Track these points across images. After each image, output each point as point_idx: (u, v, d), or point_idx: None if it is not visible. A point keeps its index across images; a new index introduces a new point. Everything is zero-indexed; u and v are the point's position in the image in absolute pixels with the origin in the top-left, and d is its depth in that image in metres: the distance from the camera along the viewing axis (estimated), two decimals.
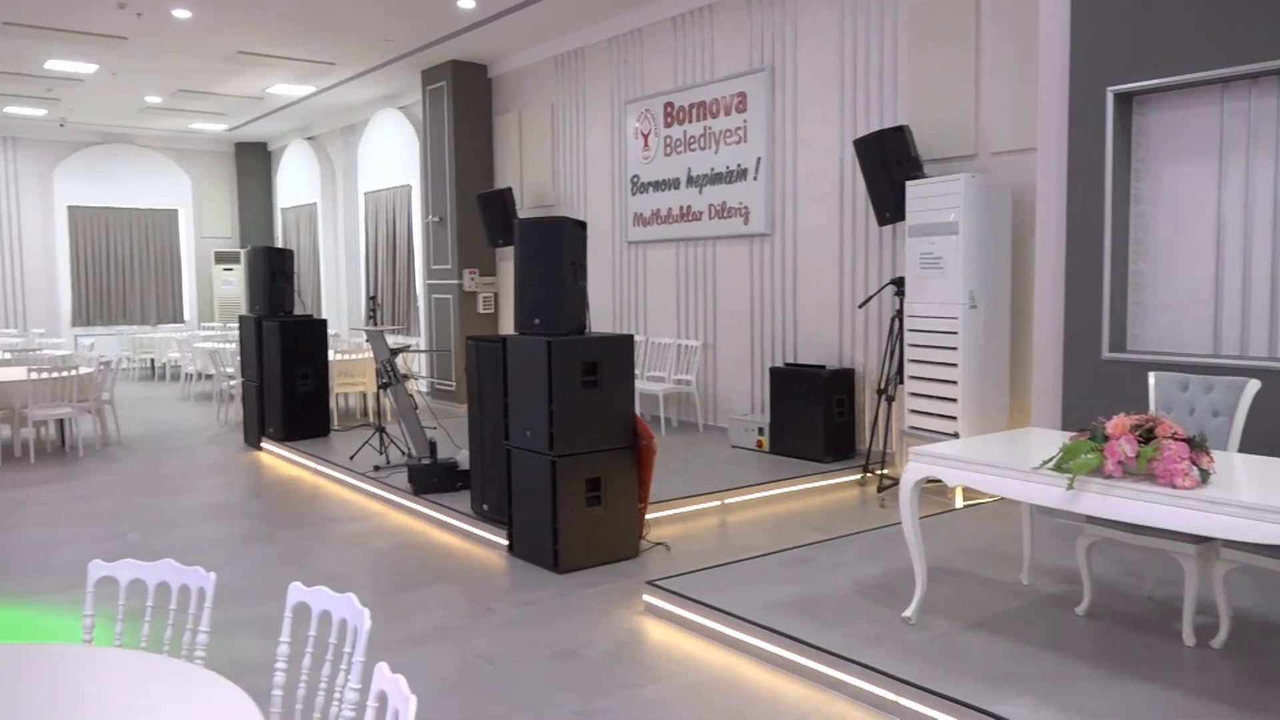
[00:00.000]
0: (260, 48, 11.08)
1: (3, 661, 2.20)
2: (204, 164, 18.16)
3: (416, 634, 4.39)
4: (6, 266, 16.45)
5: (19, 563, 5.60)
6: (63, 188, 16.74)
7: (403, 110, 13.46)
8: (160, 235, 17.71)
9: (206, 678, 2.09)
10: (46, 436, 9.55)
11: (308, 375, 9.13)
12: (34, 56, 11.36)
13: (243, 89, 13.34)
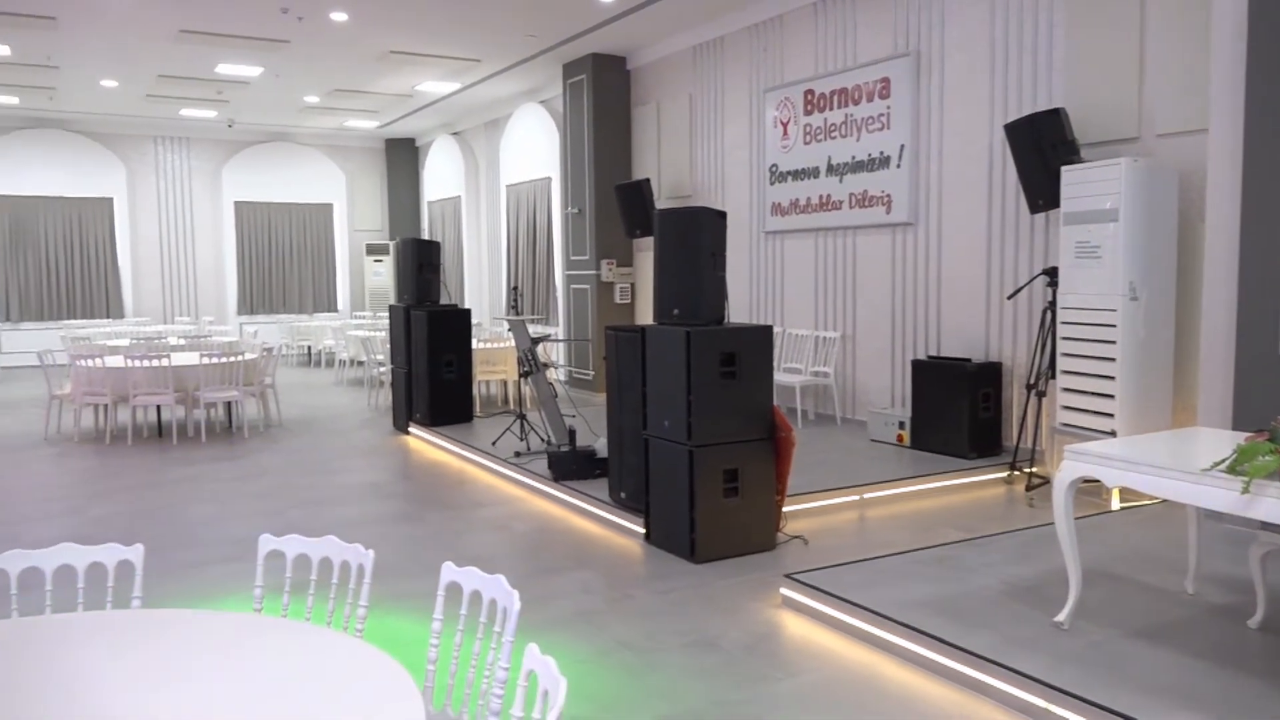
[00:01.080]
0: (410, 47, 11.49)
1: (186, 627, 2.37)
2: (356, 160, 18.99)
3: (557, 617, 4.49)
4: (181, 259, 17.64)
5: (194, 535, 6.01)
6: (230, 184, 17.84)
7: (544, 104, 13.73)
8: (316, 228, 18.64)
9: (366, 650, 2.20)
10: (216, 417, 10.20)
11: (452, 363, 9.44)
12: (207, 61, 12.12)
13: (393, 87, 13.87)
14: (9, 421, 10.44)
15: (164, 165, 17.46)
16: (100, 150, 16.76)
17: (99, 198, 16.78)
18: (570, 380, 12.54)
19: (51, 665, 2.13)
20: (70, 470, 7.97)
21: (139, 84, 13.52)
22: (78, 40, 11.00)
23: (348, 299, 18.98)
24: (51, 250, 16.47)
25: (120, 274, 17.02)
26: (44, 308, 16.46)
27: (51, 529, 6.14)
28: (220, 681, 2.05)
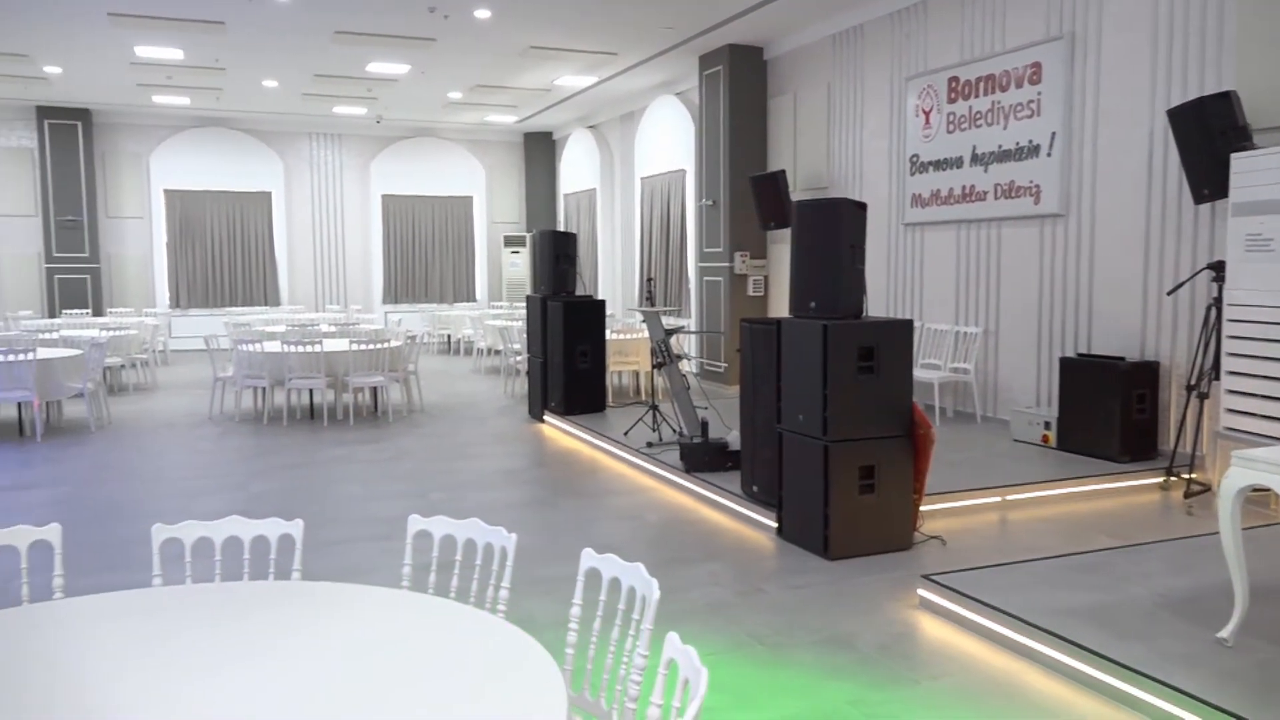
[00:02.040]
0: (550, 42, 11.70)
1: (342, 599, 2.49)
2: (496, 154, 19.49)
3: (689, 608, 4.51)
4: (332, 249, 18.51)
5: (343, 513, 6.30)
6: (378, 178, 18.60)
7: (679, 96, 13.75)
8: (457, 220, 19.24)
9: (509, 629, 2.26)
10: (363, 402, 10.67)
11: (587, 353, 9.59)
12: (359, 61, 12.66)
13: (532, 82, 14.16)
14: (179, 401, 11.20)
15: (317, 160, 18.33)
16: (260, 147, 17.73)
17: (259, 192, 17.77)
18: (701, 372, 12.55)
19: (223, 629, 2.28)
20: (232, 448, 8.48)
21: (297, 83, 14.23)
22: (243, 43, 11.66)
23: (485, 289, 19.52)
24: (216, 242, 17.55)
25: (277, 264, 17.99)
26: (209, 296, 17.55)
27: (217, 502, 6.55)
28: (374, 652, 2.14)
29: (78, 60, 12.61)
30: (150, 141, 17.12)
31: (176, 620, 2.36)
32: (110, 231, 17.03)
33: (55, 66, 13.01)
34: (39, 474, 7.51)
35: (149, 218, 17.24)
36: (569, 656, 2.46)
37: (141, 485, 7.15)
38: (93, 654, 2.14)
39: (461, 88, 14.66)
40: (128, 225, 17.17)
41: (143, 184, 17.16)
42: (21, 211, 16.43)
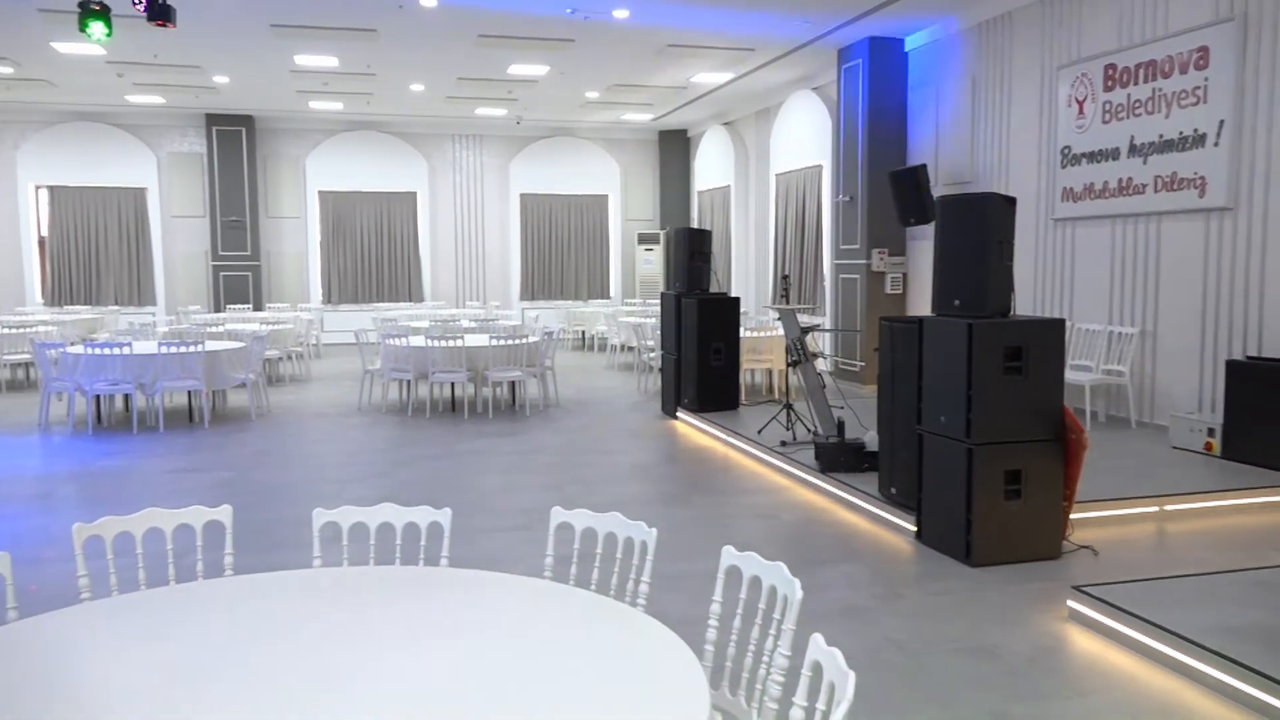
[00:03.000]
0: (687, 39, 11.73)
1: (488, 587, 2.57)
2: (630, 152, 19.67)
3: (825, 610, 4.45)
4: (472, 247, 19.08)
5: (484, 503, 6.50)
6: (516, 178, 19.05)
7: (816, 91, 13.56)
8: (592, 218, 19.51)
9: (649, 623, 2.28)
10: (501, 396, 10.96)
11: (720, 350, 9.57)
12: (500, 63, 13.00)
13: (669, 80, 14.23)
14: (331, 392, 11.77)
15: (459, 161, 18.92)
16: (407, 149, 18.43)
17: (405, 192, 18.48)
18: (836, 371, 12.35)
19: (378, 611, 2.39)
20: (379, 438, 8.86)
21: (442, 87, 14.72)
22: (393, 49, 12.14)
23: (619, 286, 19.73)
24: (365, 240, 18.34)
25: (421, 261, 18.67)
26: (358, 292, 18.37)
27: (366, 489, 6.86)
28: (520, 640, 2.20)
29: (243, 70, 13.40)
30: (306, 145, 18.03)
31: (335, 600, 2.49)
32: (269, 231, 18.03)
33: (223, 76, 13.86)
34: (206, 458, 8.03)
35: (304, 218, 18.17)
36: (708, 653, 2.46)
37: (298, 471, 7.55)
38: (259, 629, 2.28)
39: (599, 87, 14.86)
40: (285, 225, 18.14)
41: (299, 185, 18.09)
42: (192, 213, 17.58)
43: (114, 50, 11.93)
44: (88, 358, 9.06)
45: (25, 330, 12.17)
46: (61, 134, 16.87)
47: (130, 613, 2.38)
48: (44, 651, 2.16)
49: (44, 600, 4.14)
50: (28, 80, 14.08)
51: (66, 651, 2.16)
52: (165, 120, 17.22)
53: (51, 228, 17.08)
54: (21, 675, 2.04)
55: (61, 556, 5.26)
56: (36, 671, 2.06)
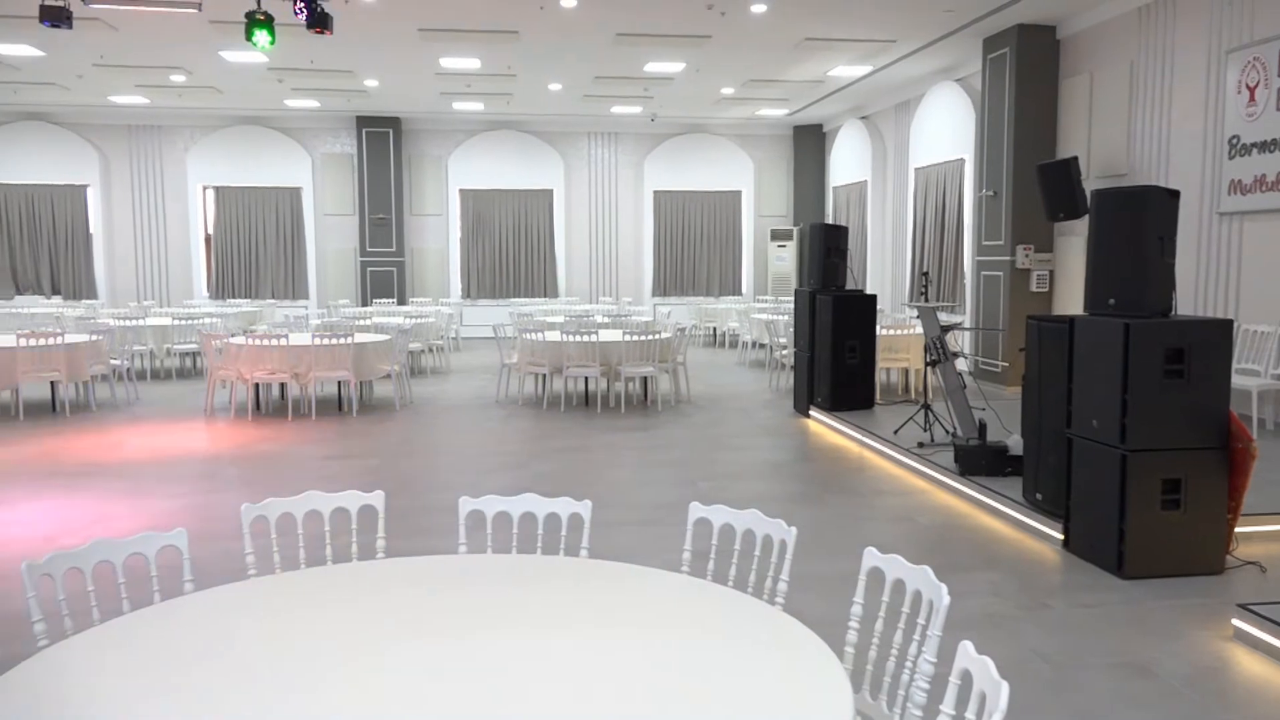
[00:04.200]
0: (825, 32, 11.55)
1: (627, 578, 2.61)
2: (765, 148, 19.51)
3: (965, 617, 4.32)
4: (606, 244, 19.32)
5: (617, 497, 6.58)
6: (650, 175, 19.18)
7: (959, 82, 13.14)
8: (725, 215, 19.46)
9: (789, 621, 2.27)
10: (633, 391, 11.06)
11: (856, 348, 9.40)
12: (637, 61, 13.11)
13: (806, 74, 14.05)
14: (469, 385, 12.14)
15: (595, 159, 19.18)
16: (544, 147, 18.81)
17: (541, 189, 18.86)
18: (977, 371, 11.95)
19: (521, 598, 2.45)
20: (515, 430, 9.08)
21: (579, 85, 14.96)
22: (533, 49, 12.41)
23: (751, 283, 19.62)
24: (502, 237, 18.82)
25: (556, 258, 19.02)
26: (495, 287, 18.87)
27: (503, 479, 7.05)
28: (656, 630, 2.22)
29: (392, 73, 13.95)
30: (449, 145, 18.63)
31: (480, 586, 2.57)
32: (413, 228, 18.71)
33: (374, 80, 14.47)
34: (354, 445, 8.41)
35: (446, 215, 18.78)
36: (848, 655, 2.43)
37: (439, 460, 7.82)
38: (408, 610, 2.38)
39: (734, 83, 14.80)
40: (428, 222, 18.79)
41: (441, 184, 18.71)
42: (342, 211, 18.42)
43: (275, 58, 12.61)
44: (249, 348, 9.62)
45: (193, 321, 13.01)
46: (226, 137, 17.95)
47: (293, 589, 2.52)
48: (220, 621, 2.31)
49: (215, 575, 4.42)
50: (198, 87, 15.04)
51: (239, 622, 2.30)
52: (319, 123, 18.10)
53: (216, 225, 18.21)
54: (200, 643, 2.19)
55: (227, 533, 5.61)
56: (212, 641, 2.20)
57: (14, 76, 14.16)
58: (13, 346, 9.52)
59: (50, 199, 17.66)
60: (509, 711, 1.83)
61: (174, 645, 2.16)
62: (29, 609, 2.39)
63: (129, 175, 17.97)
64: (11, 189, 17.57)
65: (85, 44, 11.87)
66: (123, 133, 17.84)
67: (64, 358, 9.77)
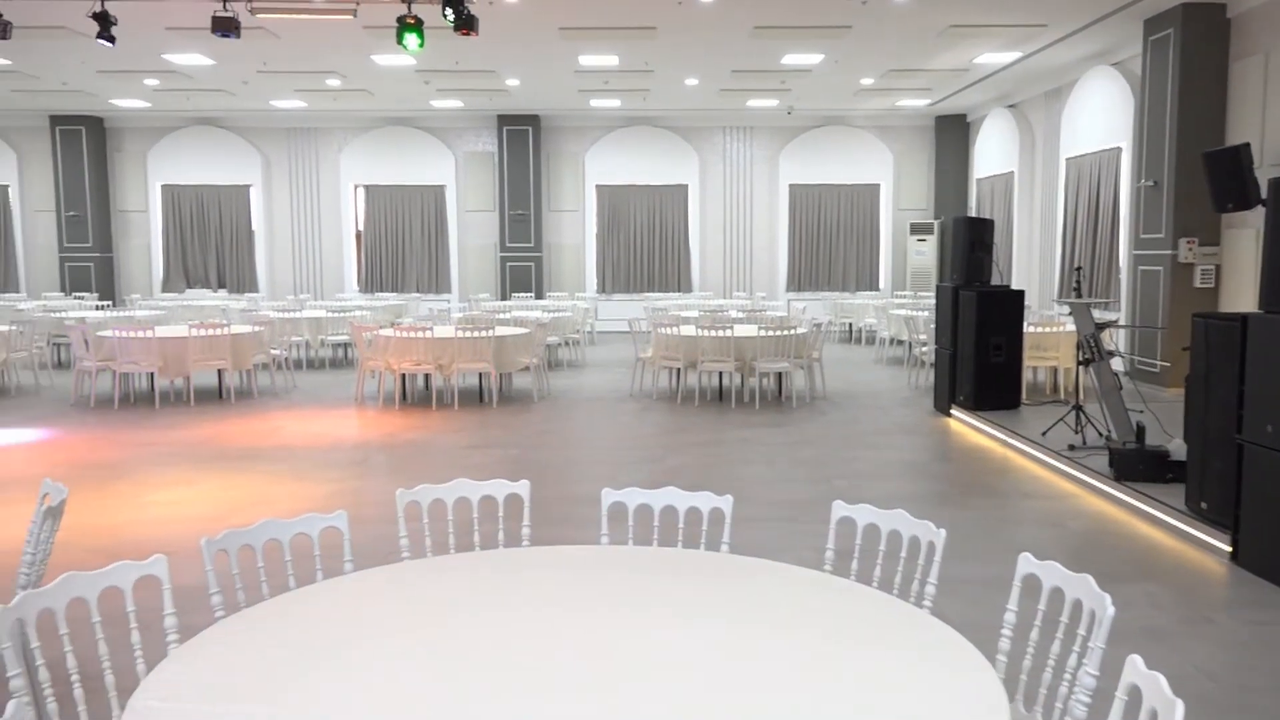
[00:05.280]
0: (972, 18, 11.16)
1: (772, 575, 2.59)
2: (904, 139, 19.01)
3: (1122, 630, 4.10)
4: (740, 238, 19.22)
5: (752, 493, 6.55)
6: (786, 168, 18.98)
7: (1116, 66, 12.47)
8: (862, 208, 19.07)
9: (941, 627, 2.21)
10: (768, 386, 10.98)
11: (1001, 346, 9.07)
12: (774, 54, 12.99)
13: (949, 62, 13.61)
14: (603, 378, 12.30)
15: (729, 153, 19.11)
16: (679, 142, 18.86)
17: (676, 185, 18.93)
18: (1133, 371, 11.33)
19: (663, 589, 2.47)
20: (650, 423, 9.16)
21: (715, 80, 14.93)
22: (671, 45, 12.46)
23: (889, 278, 19.17)
24: (637, 232, 18.98)
25: (690, 252, 19.06)
26: (630, 281, 19.06)
27: (639, 472, 7.12)
28: (801, 628, 2.20)
29: (532, 72, 14.25)
30: (586, 141, 18.91)
31: (623, 576, 2.60)
32: (550, 223, 19.09)
33: (515, 79, 14.82)
34: (494, 436, 8.65)
35: (582, 211, 19.07)
36: (1000, 664, 2.35)
37: (576, 451, 7.96)
38: (555, 597, 2.43)
39: (874, 73, 14.48)
40: (564, 218, 19.13)
41: (578, 180, 19.01)
42: (483, 207, 18.96)
43: (422, 60, 13.07)
44: (396, 340, 10.02)
45: (344, 314, 13.65)
46: (376, 138, 18.73)
47: (445, 573, 2.62)
48: (379, 602, 2.42)
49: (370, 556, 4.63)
50: (351, 90, 15.75)
51: (396, 604, 2.41)
52: (462, 122, 18.67)
53: (366, 222, 19.04)
54: (361, 622, 2.30)
55: (379, 517, 5.86)
56: (372, 619, 2.31)
57: (187, 84, 15.16)
58: (185, 336, 10.20)
59: (217, 199, 18.85)
60: (651, 708, 1.85)
61: (337, 622, 2.28)
62: (208, 582, 2.56)
63: (287, 175, 18.99)
64: (183, 189, 18.84)
65: (251, 52, 12.59)
66: (282, 135, 18.85)
67: (229, 348, 10.41)
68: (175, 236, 18.94)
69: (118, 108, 17.58)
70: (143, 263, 19.19)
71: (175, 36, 11.80)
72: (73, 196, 18.46)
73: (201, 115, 18.40)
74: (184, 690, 1.92)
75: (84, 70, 14.03)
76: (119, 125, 18.74)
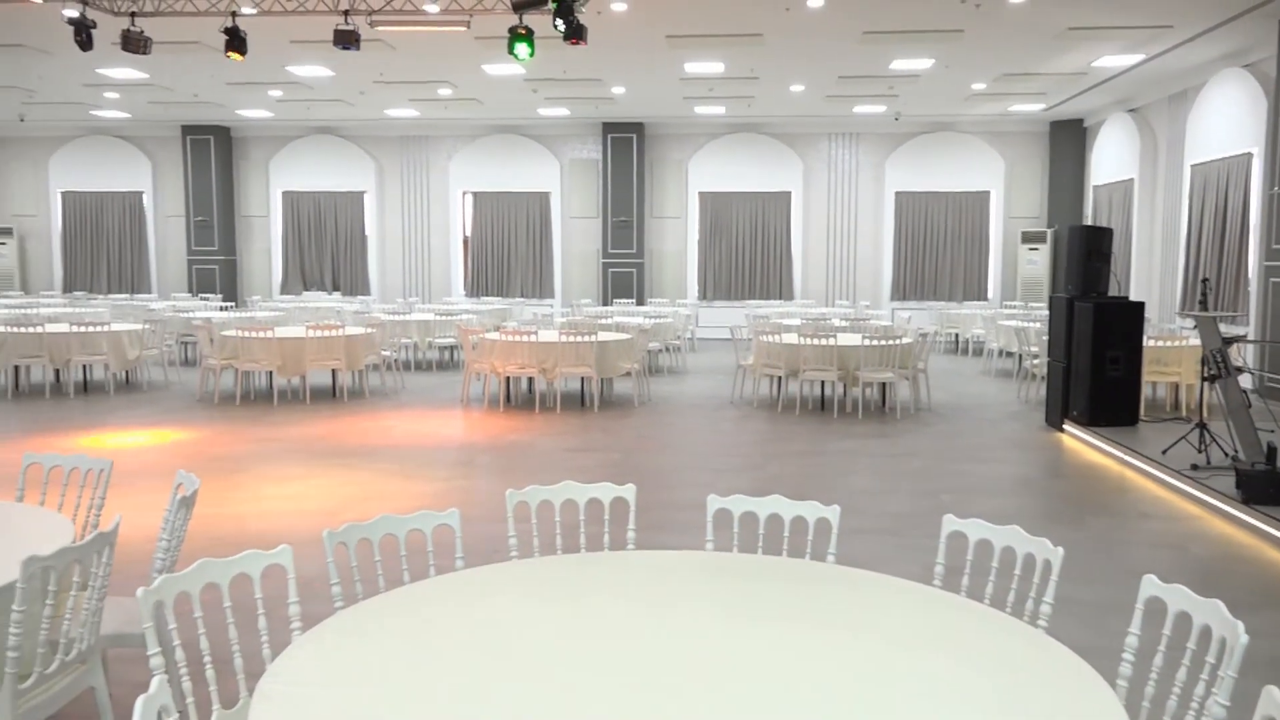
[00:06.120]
0: (1091, 20, 10.79)
1: (879, 587, 2.56)
2: (1017, 145, 18.48)
3: (1250, 659, 3.90)
4: (843, 246, 18.97)
5: (855, 504, 6.45)
6: (892, 175, 18.66)
7: (1248, 68, 11.88)
8: (971, 216, 18.61)
9: (1058, 648, 2.15)
10: (871, 397, 10.81)
11: (1119, 360, 8.73)
12: (882, 59, 12.80)
13: (1067, 65, 13.18)
14: (704, 385, 12.30)
15: (834, 160, 18.90)
16: (783, 149, 18.74)
17: (779, 191, 18.80)
18: (1262, 389, 10.76)
19: (770, 597, 2.47)
20: (750, 431, 9.12)
21: (821, 86, 14.79)
22: (777, 51, 12.40)
23: (998, 288, 18.65)
24: (739, 239, 18.93)
25: (793, 260, 18.90)
26: (731, 288, 19.01)
27: (739, 480, 7.10)
28: (911, 645, 2.17)
29: (637, 79, 14.37)
30: (689, 148, 18.96)
31: (730, 584, 2.61)
32: (653, 230, 19.19)
33: (620, 87, 14.97)
34: (595, 440, 8.74)
35: (685, 218, 19.12)
36: (1120, 689, 2.27)
37: (676, 457, 7.99)
38: (661, 602, 2.45)
39: (986, 78, 14.12)
40: (667, 224, 19.21)
41: (681, 187, 19.07)
42: (587, 214, 19.20)
43: (531, 69, 13.32)
44: (501, 344, 10.22)
45: (451, 317, 13.99)
46: (484, 146, 19.16)
47: (554, 573, 2.66)
48: (490, 599, 2.48)
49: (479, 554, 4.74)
50: (462, 99, 16.16)
51: (507, 602, 2.46)
52: (568, 130, 18.95)
53: (473, 228, 19.48)
54: (474, 618, 2.36)
55: (485, 516, 5.99)
56: (485, 617, 2.37)
57: (308, 95, 15.79)
58: (302, 337, 10.62)
59: (334, 204, 19.57)
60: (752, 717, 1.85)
61: (451, 616, 2.35)
62: (329, 573, 2.66)
63: (399, 182, 19.59)
64: (302, 196, 19.62)
65: (368, 63, 13.04)
66: (395, 143, 19.46)
67: (344, 348, 10.79)
68: (294, 240, 19.74)
69: (243, 118, 18.43)
70: (263, 265, 20.05)
71: (299, 49, 12.31)
72: (201, 202, 19.42)
73: (320, 124, 19.13)
74: (309, 676, 2.01)
75: (214, 82, 14.76)
76: (244, 134, 19.64)
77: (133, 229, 20.01)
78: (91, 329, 11.02)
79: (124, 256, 20.07)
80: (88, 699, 2.93)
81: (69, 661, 2.67)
